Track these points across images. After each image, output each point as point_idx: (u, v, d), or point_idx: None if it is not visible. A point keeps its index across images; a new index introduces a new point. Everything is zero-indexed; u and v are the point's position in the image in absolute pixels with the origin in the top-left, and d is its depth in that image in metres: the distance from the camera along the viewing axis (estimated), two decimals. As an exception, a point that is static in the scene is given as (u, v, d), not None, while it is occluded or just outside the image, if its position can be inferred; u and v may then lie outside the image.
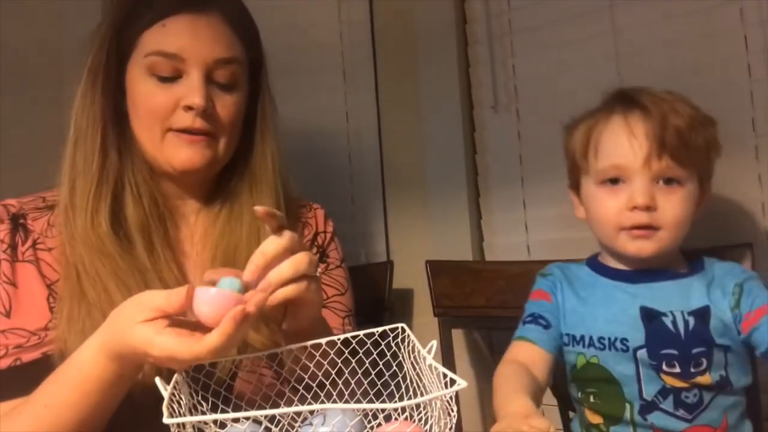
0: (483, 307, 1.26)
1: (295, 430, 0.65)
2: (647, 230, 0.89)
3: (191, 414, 0.66)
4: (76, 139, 0.89)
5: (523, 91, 1.42)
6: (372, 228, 1.52)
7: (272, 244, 0.71)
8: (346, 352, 0.78)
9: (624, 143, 0.90)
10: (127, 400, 0.76)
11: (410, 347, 0.72)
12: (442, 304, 1.28)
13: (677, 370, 0.87)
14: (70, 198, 0.87)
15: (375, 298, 1.31)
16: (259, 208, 0.70)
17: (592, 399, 0.94)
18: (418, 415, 0.61)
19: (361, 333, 0.77)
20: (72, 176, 0.88)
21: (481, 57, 1.45)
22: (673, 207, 0.89)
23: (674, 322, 0.88)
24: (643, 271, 0.93)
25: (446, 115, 1.45)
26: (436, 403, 0.60)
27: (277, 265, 0.71)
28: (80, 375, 0.72)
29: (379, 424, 0.64)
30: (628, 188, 0.90)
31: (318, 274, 0.75)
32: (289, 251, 0.72)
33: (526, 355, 0.92)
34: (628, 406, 0.90)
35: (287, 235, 0.72)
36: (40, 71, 1.48)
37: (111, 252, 0.85)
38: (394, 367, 0.75)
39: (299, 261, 0.71)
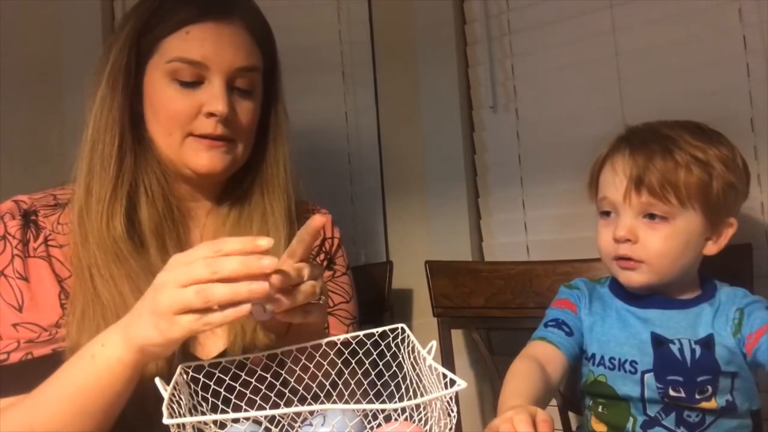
0: (482, 307, 1.26)
1: (295, 430, 0.66)
2: (630, 262, 0.93)
3: (191, 414, 0.66)
4: (93, 141, 0.89)
5: (522, 91, 1.42)
6: (371, 228, 1.52)
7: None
8: (346, 352, 0.79)
9: (609, 179, 0.95)
10: (135, 399, 0.76)
11: (410, 348, 0.72)
12: (441, 304, 1.28)
13: (682, 395, 0.89)
14: (85, 200, 0.87)
15: (375, 299, 1.32)
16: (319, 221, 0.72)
17: (600, 409, 0.96)
18: (418, 415, 0.61)
19: (361, 333, 0.77)
20: (88, 179, 0.88)
21: (480, 57, 1.45)
22: (654, 241, 0.91)
23: (681, 350, 0.90)
24: (655, 298, 0.95)
25: (445, 116, 1.45)
26: (436, 404, 0.60)
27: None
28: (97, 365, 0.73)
29: (379, 425, 0.64)
30: (616, 221, 0.94)
31: (321, 302, 0.76)
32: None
33: (544, 354, 0.94)
34: (631, 419, 0.92)
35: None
36: (40, 72, 1.48)
37: (125, 255, 0.85)
38: (394, 368, 0.75)
39: (307, 290, 0.72)
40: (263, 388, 0.75)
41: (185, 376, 0.70)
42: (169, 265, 0.69)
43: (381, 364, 0.77)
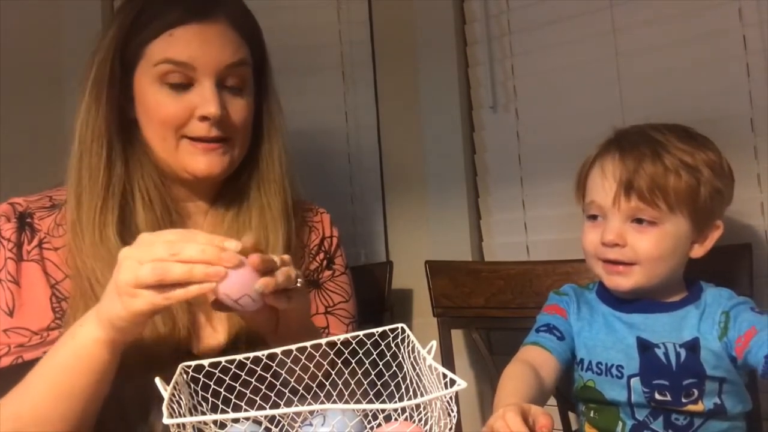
0: (482, 307, 1.26)
1: (295, 430, 0.66)
2: (619, 266, 0.93)
3: (191, 414, 0.66)
4: (80, 153, 0.88)
5: (522, 91, 1.42)
6: (371, 228, 1.52)
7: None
8: (346, 352, 0.79)
9: (598, 183, 0.95)
10: (136, 399, 0.76)
11: (410, 347, 0.72)
12: (441, 304, 1.28)
13: (668, 398, 0.89)
14: (77, 213, 0.87)
15: (375, 299, 1.32)
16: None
17: (592, 414, 0.97)
18: (418, 415, 0.61)
19: (361, 333, 0.77)
20: (78, 191, 0.87)
21: (480, 57, 1.45)
22: (644, 244, 0.91)
23: (666, 354, 0.90)
24: (640, 302, 0.96)
25: (445, 116, 1.45)
26: (436, 404, 0.60)
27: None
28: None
29: (379, 425, 0.64)
30: (604, 224, 0.94)
31: (299, 285, 0.77)
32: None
33: (536, 358, 0.94)
34: (621, 423, 0.93)
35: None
36: (40, 72, 1.48)
37: None
38: (394, 368, 0.75)
39: (285, 272, 0.74)
40: (263, 388, 0.75)
41: (185, 376, 0.70)
42: (136, 242, 0.71)
43: (381, 364, 0.77)
